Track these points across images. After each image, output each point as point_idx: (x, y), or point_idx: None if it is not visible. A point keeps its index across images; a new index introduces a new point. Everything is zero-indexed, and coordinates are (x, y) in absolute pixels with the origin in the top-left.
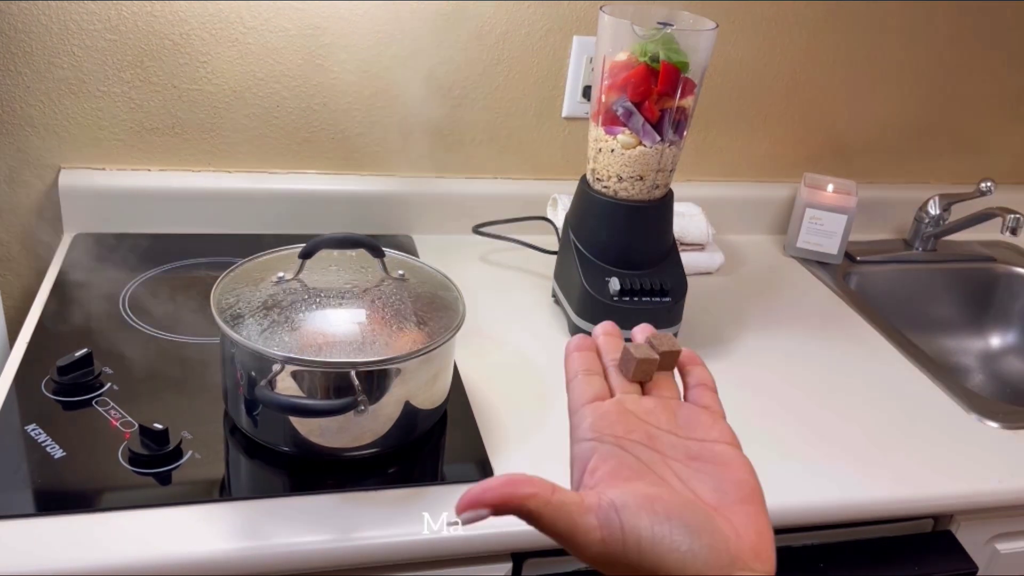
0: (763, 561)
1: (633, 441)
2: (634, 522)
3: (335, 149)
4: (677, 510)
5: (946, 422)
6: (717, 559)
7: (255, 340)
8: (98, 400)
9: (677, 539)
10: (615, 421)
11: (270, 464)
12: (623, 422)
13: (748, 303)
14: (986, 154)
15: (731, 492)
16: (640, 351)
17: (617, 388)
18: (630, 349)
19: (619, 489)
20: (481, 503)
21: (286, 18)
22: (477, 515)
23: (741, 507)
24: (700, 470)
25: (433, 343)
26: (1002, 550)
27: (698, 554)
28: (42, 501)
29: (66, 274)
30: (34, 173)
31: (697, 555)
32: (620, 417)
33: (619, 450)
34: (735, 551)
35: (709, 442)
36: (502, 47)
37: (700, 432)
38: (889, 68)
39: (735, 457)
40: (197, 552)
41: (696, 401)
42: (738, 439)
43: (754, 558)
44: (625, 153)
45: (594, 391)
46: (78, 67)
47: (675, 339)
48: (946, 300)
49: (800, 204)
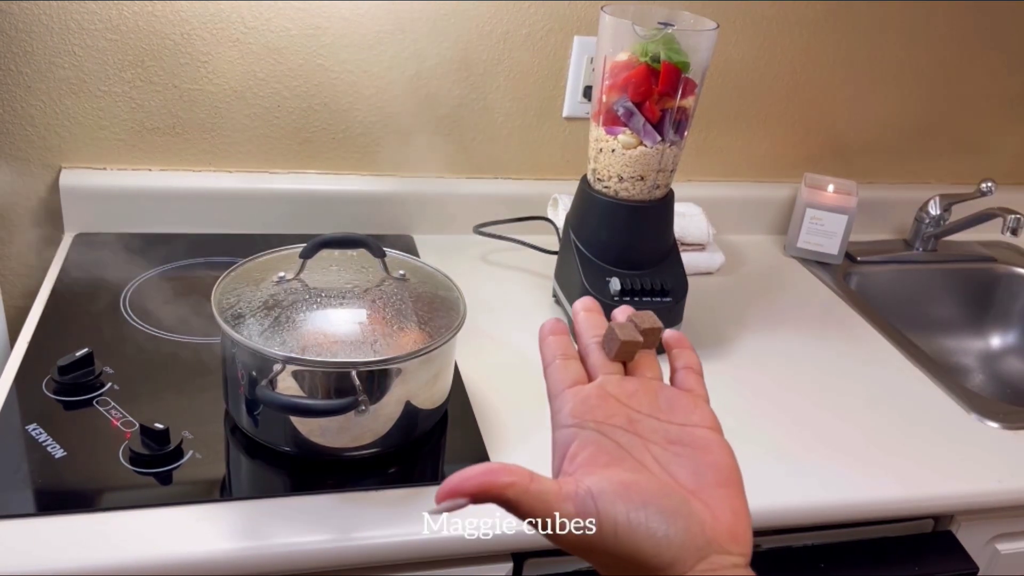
0: (739, 543)
1: (614, 426)
2: (610, 509)
3: (335, 149)
4: (653, 496)
5: (946, 422)
6: (693, 543)
7: (256, 340)
8: (99, 400)
9: (653, 525)
10: (596, 406)
11: (270, 464)
12: (604, 406)
13: (748, 303)
14: (986, 154)
15: (709, 475)
16: (624, 332)
17: (598, 368)
18: (615, 330)
19: (596, 476)
20: (460, 492)
21: (287, 18)
22: (455, 504)
23: (718, 490)
24: (679, 454)
25: (434, 343)
26: (1003, 550)
27: (673, 539)
28: (43, 501)
29: (67, 274)
30: (35, 173)
31: (672, 540)
32: (601, 401)
33: (599, 435)
34: (711, 534)
35: (690, 426)
36: (503, 47)
37: (681, 416)
38: (889, 68)
39: (715, 441)
40: (197, 552)
41: (680, 384)
42: (719, 423)
43: (730, 540)
44: (626, 153)
45: (573, 376)
46: (79, 67)
47: (656, 317)
48: (946, 300)
49: (800, 204)
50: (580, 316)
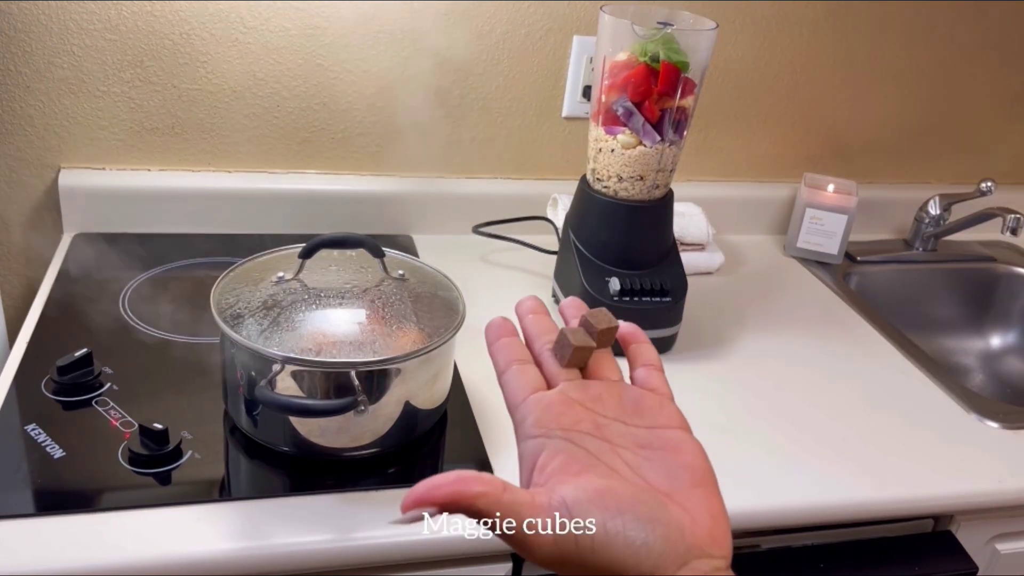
0: (719, 545)
1: (581, 432)
2: (586, 520)
3: (335, 149)
4: (629, 503)
5: (946, 422)
6: (673, 550)
7: (255, 340)
8: (98, 400)
9: (631, 534)
10: (561, 413)
11: (270, 464)
12: (569, 413)
13: (748, 303)
14: (986, 154)
15: (684, 477)
16: (577, 337)
17: (555, 375)
18: (567, 335)
19: (570, 485)
20: (428, 501)
21: (286, 18)
22: (418, 515)
23: (695, 491)
24: (650, 458)
25: (433, 343)
26: (1002, 550)
27: (653, 547)
28: (42, 501)
29: (66, 274)
30: (34, 173)
31: (652, 548)
32: (565, 408)
33: (568, 443)
34: (691, 539)
35: (659, 428)
36: (502, 47)
37: (649, 418)
38: (889, 68)
39: (685, 441)
40: (197, 552)
41: (643, 383)
42: (687, 422)
43: (711, 543)
44: (625, 153)
45: (532, 383)
46: (78, 67)
47: (610, 314)
48: (946, 300)
49: (800, 204)
50: (527, 320)
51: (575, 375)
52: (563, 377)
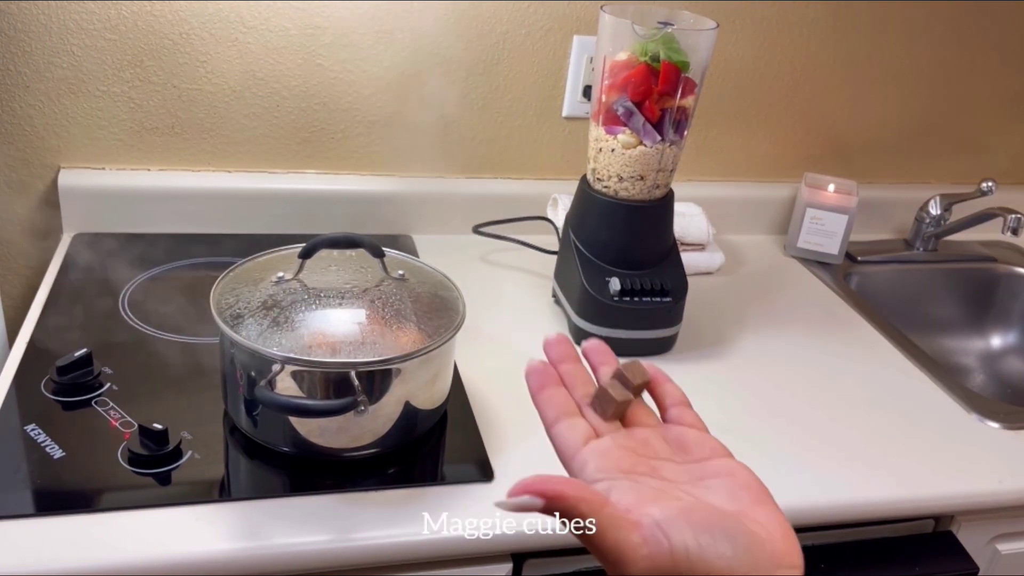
0: (793, 556)
1: (640, 474)
2: (679, 536)
3: (335, 149)
4: (714, 518)
5: (947, 422)
6: (759, 560)
7: (255, 340)
8: (98, 400)
9: (721, 547)
10: (619, 458)
11: (270, 464)
12: (626, 458)
13: (748, 303)
14: (986, 154)
15: (745, 497)
16: (618, 391)
17: (598, 427)
18: (609, 392)
19: (656, 506)
20: (536, 491)
21: (286, 18)
22: (528, 503)
23: (759, 508)
24: (710, 486)
25: (433, 343)
26: (1003, 551)
27: (743, 560)
28: (42, 501)
29: (66, 274)
30: (34, 173)
31: (742, 561)
32: (622, 454)
33: (632, 483)
34: (771, 549)
35: (707, 460)
36: (502, 47)
37: (695, 452)
38: (889, 68)
39: (734, 465)
40: (197, 552)
41: (679, 421)
42: (727, 448)
43: (786, 555)
44: (625, 153)
45: (584, 434)
46: (78, 67)
47: (643, 366)
48: (947, 300)
49: (801, 204)
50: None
51: (617, 426)
52: (606, 429)
